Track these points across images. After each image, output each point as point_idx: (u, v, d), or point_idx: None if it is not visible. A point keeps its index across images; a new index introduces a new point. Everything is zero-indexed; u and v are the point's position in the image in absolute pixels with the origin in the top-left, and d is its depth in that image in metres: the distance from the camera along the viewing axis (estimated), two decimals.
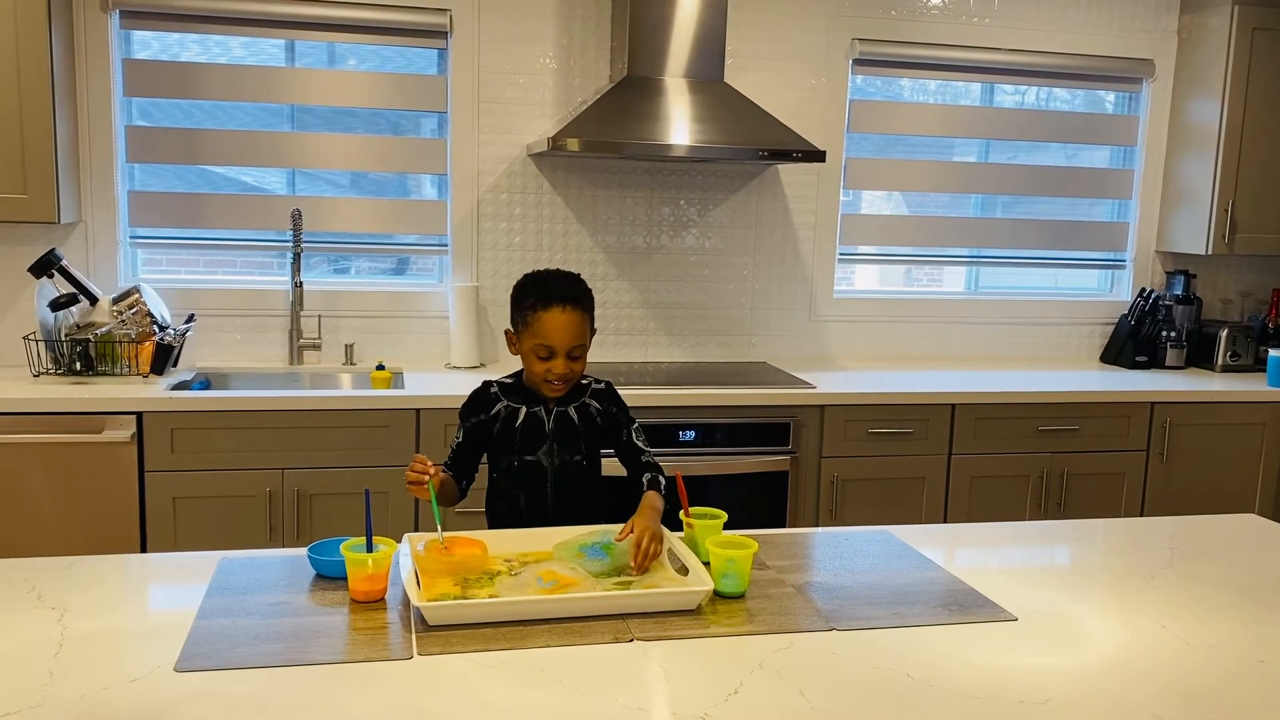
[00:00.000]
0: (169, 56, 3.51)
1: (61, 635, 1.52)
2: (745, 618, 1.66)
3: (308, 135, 3.61)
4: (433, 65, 3.70)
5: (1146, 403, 3.67)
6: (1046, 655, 1.55)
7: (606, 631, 1.58)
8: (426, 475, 1.91)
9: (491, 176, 3.72)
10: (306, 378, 3.60)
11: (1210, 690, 1.45)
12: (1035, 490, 3.62)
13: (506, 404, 2.13)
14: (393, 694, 1.37)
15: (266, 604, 1.67)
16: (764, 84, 3.86)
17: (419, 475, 1.91)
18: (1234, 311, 4.43)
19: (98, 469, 2.98)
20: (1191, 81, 4.13)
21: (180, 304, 3.53)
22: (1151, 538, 2.15)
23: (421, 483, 1.91)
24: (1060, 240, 4.30)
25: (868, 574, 1.88)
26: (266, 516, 3.08)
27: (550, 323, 2.03)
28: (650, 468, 2.14)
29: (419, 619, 1.60)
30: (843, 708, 1.37)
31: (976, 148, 4.22)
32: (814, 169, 3.96)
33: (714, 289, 3.96)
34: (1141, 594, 1.82)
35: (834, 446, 3.43)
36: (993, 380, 3.73)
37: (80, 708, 1.31)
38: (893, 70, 4.04)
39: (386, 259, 3.83)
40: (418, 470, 1.92)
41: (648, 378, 3.52)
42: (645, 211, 3.86)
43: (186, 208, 3.58)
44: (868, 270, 4.23)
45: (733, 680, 1.44)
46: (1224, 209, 4.00)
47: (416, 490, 1.94)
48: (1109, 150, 4.33)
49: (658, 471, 2.13)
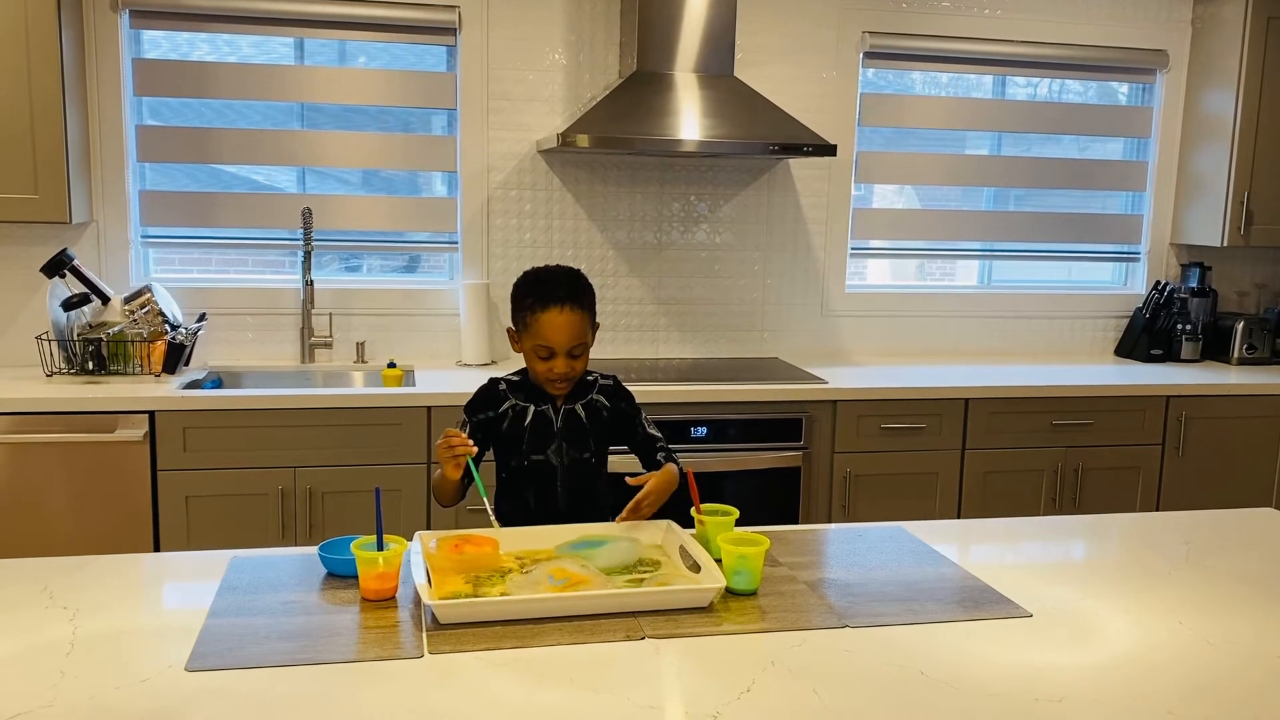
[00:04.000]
0: (179, 56, 3.52)
1: (73, 635, 1.52)
2: (757, 615, 1.65)
3: (318, 133, 3.61)
4: (442, 62, 3.70)
5: (1161, 396, 3.65)
6: (1061, 652, 1.54)
7: (618, 629, 1.58)
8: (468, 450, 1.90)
9: (501, 173, 3.71)
10: (318, 376, 3.60)
11: (1226, 687, 1.44)
12: (1049, 485, 3.60)
13: (514, 402, 2.12)
14: (404, 693, 1.37)
15: (277, 603, 1.66)
16: (774, 78, 3.84)
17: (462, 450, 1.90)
18: (1250, 304, 4.40)
19: (110, 468, 2.99)
20: (1206, 72, 4.10)
21: (191, 303, 3.54)
22: (1167, 533, 2.13)
23: (460, 458, 1.90)
24: (1074, 233, 4.27)
25: (881, 570, 1.87)
26: (279, 515, 3.09)
27: (549, 323, 2.01)
28: (669, 455, 2.13)
29: (430, 617, 1.59)
30: (856, 705, 1.36)
31: (989, 140, 4.20)
32: (825, 163, 3.94)
33: (725, 285, 3.95)
34: (1157, 590, 1.80)
35: (847, 442, 3.42)
36: (1006, 374, 3.71)
37: (91, 707, 1.31)
38: (904, 63, 4.01)
39: (397, 257, 3.83)
40: (455, 443, 1.90)
41: (659, 374, 3.52)
42: (656, 207, 3.85)
43: (197, 207, 3.58)
44: (880, 265, 4.22)
45: (745, 678, 1.43)
46: (1239, 200, 3.97)
47: (451, 468, 1.92)
48: (1122, 142, 4.30)
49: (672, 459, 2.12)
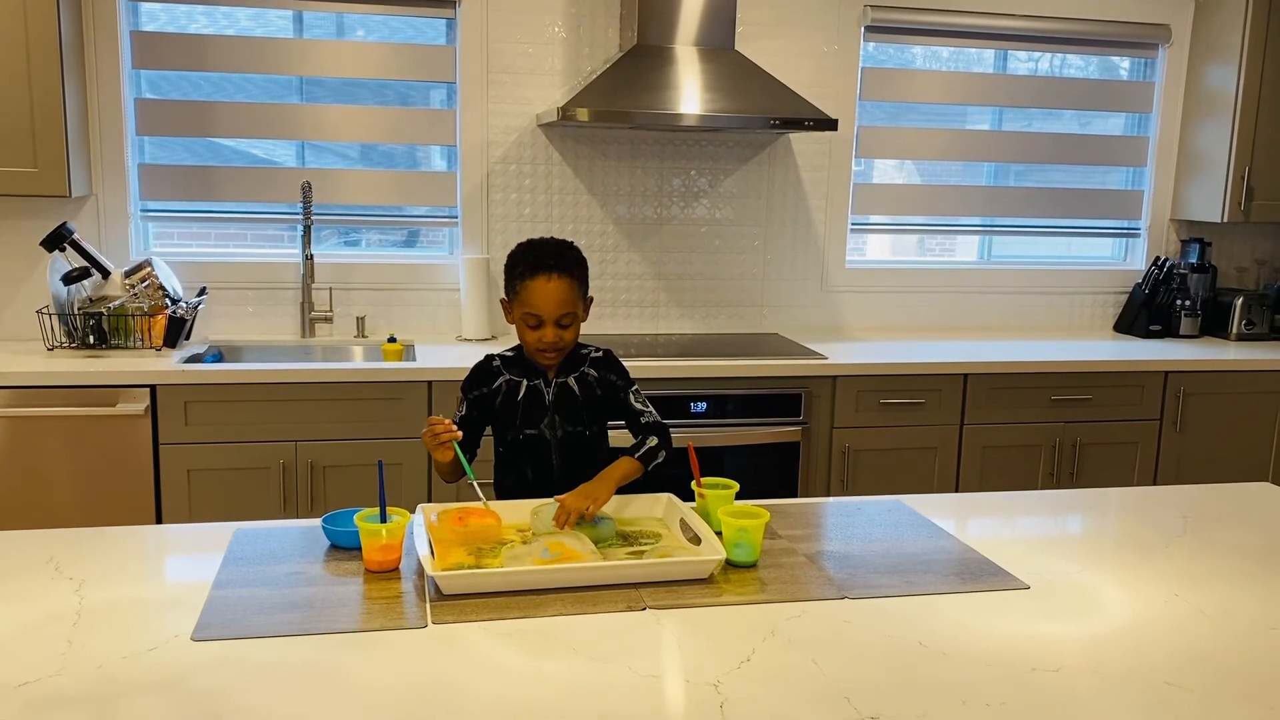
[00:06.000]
0: (176, 29, 3.50)
1: (80, 605, 1.54)
2: (757, 587, 1.66)
3: (316, 107, 3.60)
4: (441, 35, 3.68)
5: (1160, 372, 3.65)
6: (1059, 623, 1.55)
7: (619, 600, 1.59)
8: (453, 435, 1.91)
9: (501, 148, 3.70)
10: (318, 350, 3.60)
11: (1222, 657, 1.45)
12: (1047, 461, 3.62)
13: (508, 378, 2.12)
14: (408, 662, 1.38)
15: (281, 574, 1.68)
16: (775, 52, 3.83)
17: (447, 436, 1.91)
18: (1249, 280, 4.40)
19: (112, 442, 3.00)
20: (1208, 47, 4.08)
21: (191, 277, 3.53)
22: (1164, 506, 2.14)
23: (447, 443, 1.92)
24: (1074, 208, 4.27)
25: (879, 543, 1.88)
26: (280, 488, 3.10)
27: (537, 291, 2.02)
28: (650, 429, 2.10)
29: (433, 588, 1.61)
30: (854, 675, 1.37)
31: (990, 115, 4.18)
32: (826, 138, 3.93)
33: (725, 260, 3.95)
34: (1154, 562, 1.82)
35: (846, 417, 3.43)
36: (1005, 350, 3.71)
37: (99, 676, 1.33)
38: (905, 37, 4.00)
39: (397, 231, 3.83)
40: (438, 431, 1.92)
41: (659, 349, 3.52)
42: (656, 182, 3.84)
43: (197, 181, 3.58)
44: (880, 240, 4.21)
45: (745, 648, 1.44)
46: (1240, 176, 3.96)
47: (440, 453, 1.94)
48: (1124, 117, 4.29)
49: (658, 433, 2.09)
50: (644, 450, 2.05)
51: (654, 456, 2.05)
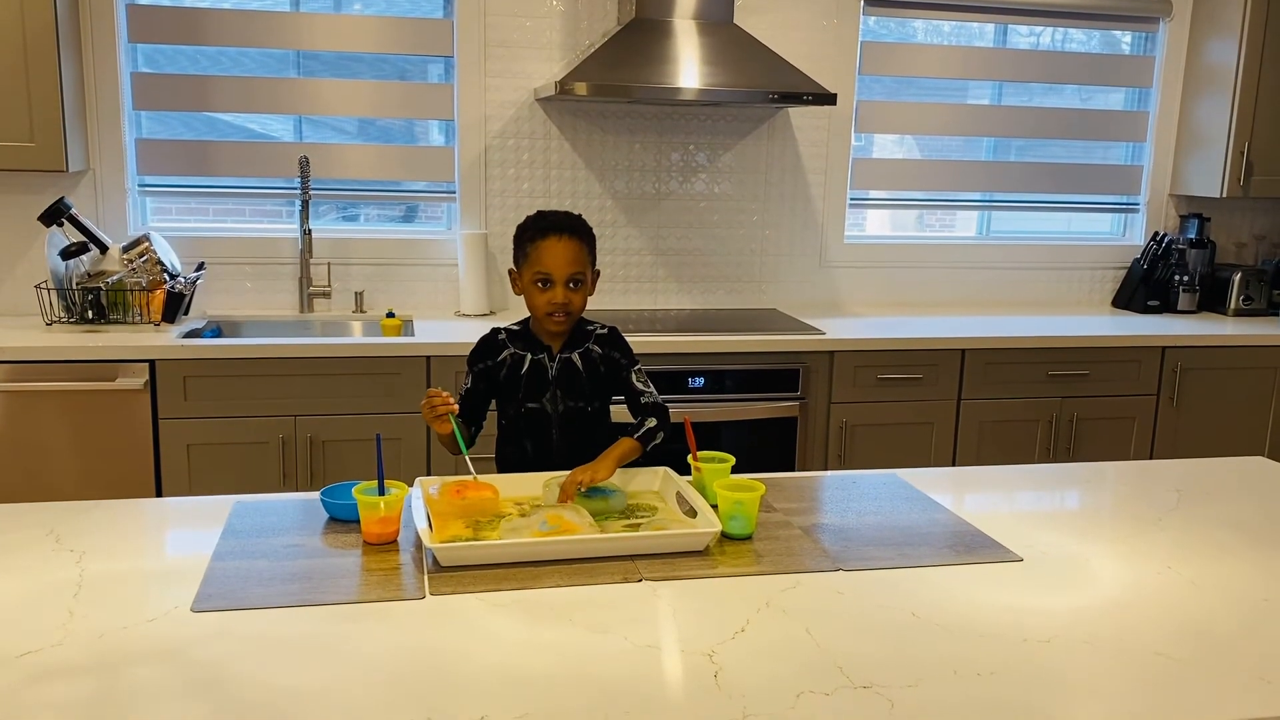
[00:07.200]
0: (172, 2, 3.48)
1: (80, 576, 1.55)
2: (752, 558, 1.68)
3: (314, 81, 3.59)
4: (439, 8, 3.66)
5: (1158, 347, 3.66)
6: (1052, 595, 1.57)
7: (616, 572, 1.60)
8: (449, 408, 1.93)
9: (499, 122, 3.69)
10: (317, 325, 3.61)
11: (1214, 629, 1.47)
12: (1044, 435, 3.63)
13: (513, 351, 2.14)
14: (406, 632, 1.40)
15: (280, 546, 1.69)
16: (774, 25, 3.81)
17: (443, 409, 1.94)
18: (1248, 255, 4.40)
19: (111, 416, 3.01)
20: (1209, 22, 4.06)
21: (190, 252, 3.53)
22: (1158, 480, 2.15)
23: (444, 415, 1.94)
24: (1073, 184, 4.26)
25: (875, 516, 1.90)
26: (279, 463, 3.11)
27: (548, 250, 2.04)
28: (649, 410, 2.10)
29: (431, 560, 1.62)
30: (848, 645, 1.38)
31: (990, 90, 4.17)
32: (825, 112, 3.92)
33: (724, 235, 3.94)
34: (1147, 535, 1.83)
35: (843, 392, 3.44)
36: (1003, 325, 3.72)
37: (100, 646, 1.34)
38: (905, 11, 3.97)
39: (395, 206, 3.82)
40: (436, 404, 1.94)
41: (657, 325, 3.53)
42: (654, 157, 3.83)
43: (194, 155, 3.57)
44: (879, 215, 4.21)
45: (740, 619, 1.46)
46: (1239, 151, 3.95)
47: (438, 425, 1.96)
48: (1124, 92, 4.27)
49: (657, 414, 2.10)
50: (643, 431, 2.06)
51: (653, 437, 2.07)
